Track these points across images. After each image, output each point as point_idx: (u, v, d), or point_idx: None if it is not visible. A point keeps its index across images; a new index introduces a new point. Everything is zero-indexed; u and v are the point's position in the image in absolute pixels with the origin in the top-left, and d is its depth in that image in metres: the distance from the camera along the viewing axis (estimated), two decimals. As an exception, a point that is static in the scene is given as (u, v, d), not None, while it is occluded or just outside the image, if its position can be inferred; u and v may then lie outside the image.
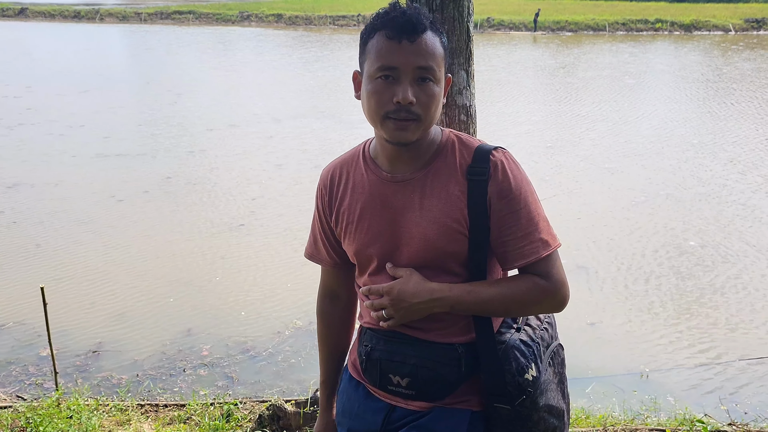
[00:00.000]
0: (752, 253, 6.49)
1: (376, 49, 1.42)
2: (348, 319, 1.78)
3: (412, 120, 1.41)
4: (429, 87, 1.41)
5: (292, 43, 27.24)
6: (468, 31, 2.07)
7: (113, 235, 6.97)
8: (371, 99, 1.43)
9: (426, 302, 1.44)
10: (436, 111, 1.45)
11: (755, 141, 10.93)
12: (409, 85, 1.39)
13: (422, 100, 1.41)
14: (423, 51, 1.40)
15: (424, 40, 1.40)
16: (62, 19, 38.00)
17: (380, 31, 1.42)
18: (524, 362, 1.48)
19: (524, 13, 35.19)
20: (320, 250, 1.69)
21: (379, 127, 1.45)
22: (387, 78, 1.40)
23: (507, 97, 14.87)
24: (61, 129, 11.71)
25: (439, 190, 1.47)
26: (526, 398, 1.47)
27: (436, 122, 1.49)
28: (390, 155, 1.51)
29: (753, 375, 4.51)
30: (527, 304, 1.48)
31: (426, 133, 1.48)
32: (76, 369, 4.55)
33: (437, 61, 1.42)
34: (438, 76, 1.43)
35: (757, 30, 31.99)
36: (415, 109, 1.40)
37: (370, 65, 1.43)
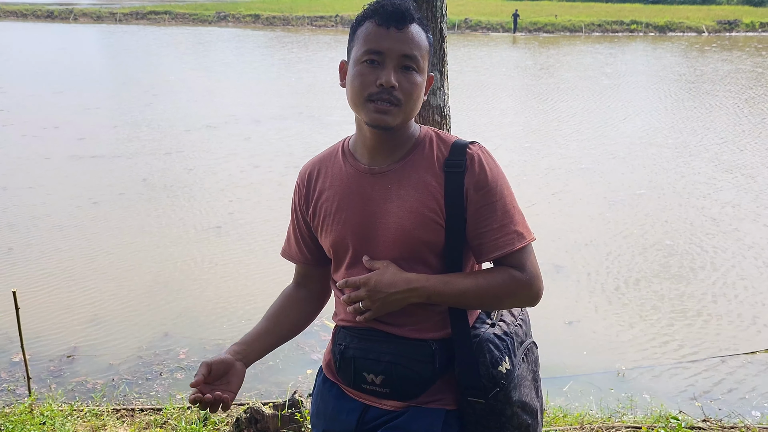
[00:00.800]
0: (728, 252, 6.59)
1: (365, 34, 1.47)
2: (309, 310, 1.73)
3: (393, 104, 1.44)
4: (412, 75, 1.46)
5: (270, 44, 27.14)
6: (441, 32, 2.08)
7: (88, 238, 6.88)
8: (355, 81, 1.46)
9: (403, 292, 1.45)
10: (417, 100, 1.49)
11: (732, 140, 11.10)
12: (393, 71, 1.44)
13: (404, 87, 1.45)
14: (409, 39, 1.45)
15: (411, 30, 1.46)
16: (35, 19, 37.49)
17: (370, 18, 1.47)
18: (498, 355, 1.49)
19: (501, 14, 35.41)
20: (294, 248, 1.71)
21: (360, 109, 1.48)
22: (372, 62, 1.45)
23: (483, 98, 14.95)
24: (35, 130, 11.55)
25: (416, 181, 1.50)
26: (500, 391, 1.48)
27: (415, 113, 1.52)
28: (370, 145, 1.53)
29: (726, 372, 4.58)
30: (502, 296, 1.50)
31: (405, 124, 1.51)
32: (49, 374, 4.48)
33: (422, 52, 1.47)
34: (421, 66, 1.47)
35: (729, 31, 32.51)
36: (397, 93, 1.44)
37: (357, 50, 1.48)
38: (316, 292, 1.75)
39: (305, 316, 1.74)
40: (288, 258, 1.74)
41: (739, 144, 10.88)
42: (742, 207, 7.87)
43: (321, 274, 1.71)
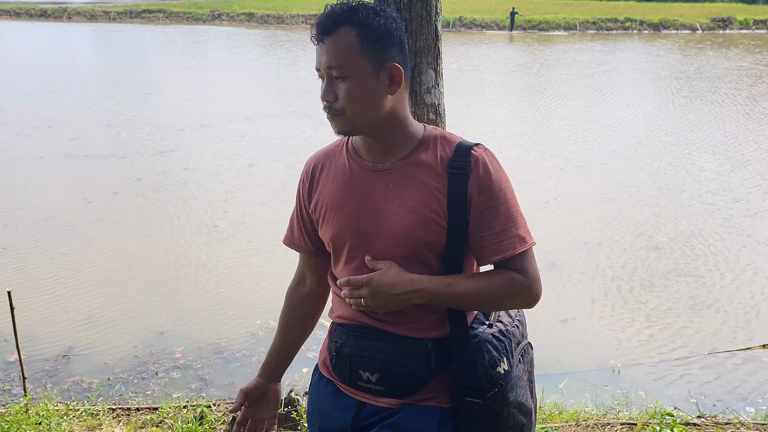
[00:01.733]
0: (722, 249, 6.61)
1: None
2: (313, 308, 1.78)
3: (336, 115, 1.48)
4: (341, 84, 1.46)
5: (264, 42, 27.09)
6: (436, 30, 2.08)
7: (83, 238, 6.86)
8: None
9: (405, 293, 1.45)
10: (360, 105, 1.46)
11: (726, 137, 11.14)
12: (328, 84, 1.47)
13: (341, 96, 1.47)
14: (331, 49, 1.45)
15: (333, 39, 1.45)
16: (28, 18, 37.34)
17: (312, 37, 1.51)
18: (496, 356, 1.50)
19: (496, 12, 35.42)
20: (297, 237, 1.72)
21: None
22: (321, 78, 1.50)
23: (479, 96, 14.95)
24: (28, 129, 11.51)
25: (419, 180, 1.50)
26: (497, 392, 1.49)
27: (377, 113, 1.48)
28: (370, 147, 1.55)
29: (721, 368, 4.60)
30: (502, 298, 1.50)
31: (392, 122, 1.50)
32: (45, 374, 4.47)
33: (347, 56, 1.44)
34: (350, 71, 1.44)
35: (723, 29, 32.60)
36: (336, 105, 1.47)
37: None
38: (317, 288, 1.76)
39: (311, 315, 1.80)
40: (291, 246, 1.75)
41: (736, 141, 10.91)
42: (737, 205, 7.90)
43: (321, 267, 1.72)
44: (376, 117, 1.49)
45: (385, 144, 1.53)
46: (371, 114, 1.48)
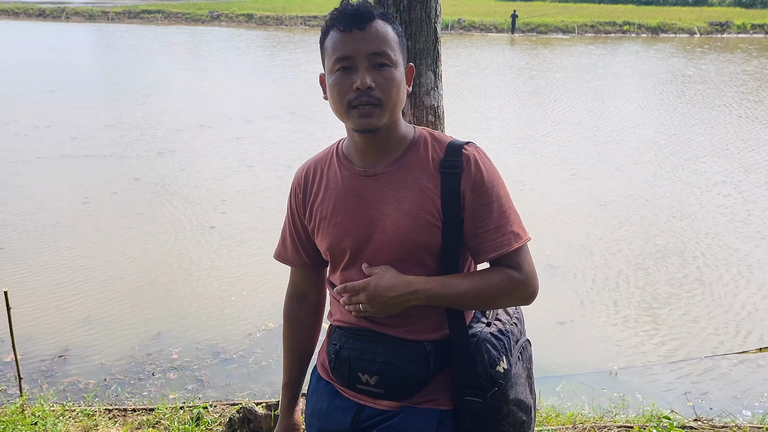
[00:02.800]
0: (718, 252, 6.62)
1: (332, 43, 1.46)
2: (314, 322, 1.78)
3: (375, 105, 1.43)
4: (386, 71, 1.44)
5: (263, 44, 27.09)
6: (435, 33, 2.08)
7: (80, 238, 6.85)
8: (333, 91, 1.46)
9: (403, 295, 1.45)
10: (398, 95, 1.47)
11: (723, 141, 11.15)
12: (366, 71, 1.43)
13: (381, 84, 1.43)
14: (374, 37, 1.43)
15: (374, 26, 1.44)
16: (26, 18, 37.33)
17: (333, 26, 1.46)
18: (496, 354, 1.50)
19: (494, 15, 35.49)
20: (290, 251, 1.70)
21: (345, 118, 1.48)
22: (345, 69, 1.44)
23: (478, 99, 14.96)
24: (26, 129, 11.50)
25: (412, 183, 1.49)
26: (498, 390, 1.49)
27: (400, 107, 1.50)
28: (361, 149, 1.53)
29: (717, 372, 4.60)
30: (500, 296, 1.50)
31: (394, 123, 1.51)
32: (41, 374, 4.46)
33: (390, 45, 1.45)
34: (394, 59, 1.46)
35: (721, 33, 32.69)
36: (376, 93, 1.43)
37: (328, 61, 1.48)
38: (314, 301, 1.76)
39: (316, 330, 1.79)
40: (283, 261, 1.74)
41: (736, 145, 10.92)
42: (733, 210, 7.91)
43: (317, 279, 1.72)
44: (398, 113, 1.51)
45: (380, 146, 1.52)
46: (398, 108, 1.50)
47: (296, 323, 1.76)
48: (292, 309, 1.76)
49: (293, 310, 1.76)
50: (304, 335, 1.76)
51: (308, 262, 1.69)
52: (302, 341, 1.76)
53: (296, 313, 1.76)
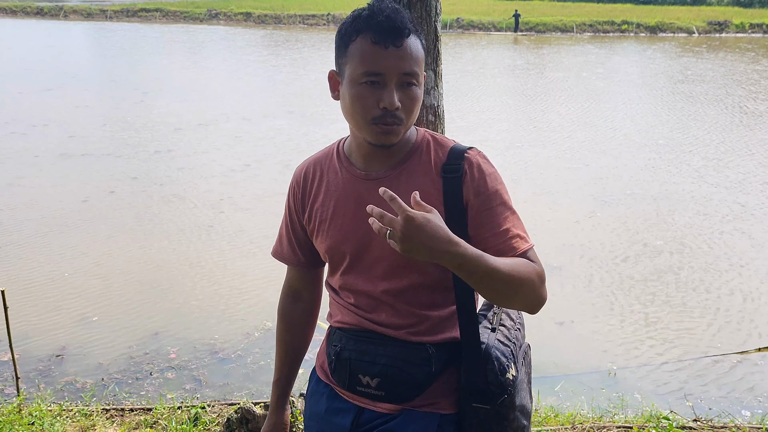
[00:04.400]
0: (717, 253, 6.62)
1: (361, 53, 1.40)
2: (309, 321, 1.78)
3: (397, 124, 1.42)
4: (413, 91, 1.42)
5: (262, 42, 27.06)
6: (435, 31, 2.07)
7: (78, 237, 6.83)
8: (356, 103, 1.41)
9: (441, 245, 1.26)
10: (418, 112, 1.48)
11: (721, 141, 11.16)
12: (395, 90, 1.40)
13: (406, 105, 1.42)
14: (408, 56, 1.40)
15: (409, 44, 1.41)
16: (24, 16, 37.26)
17: (364, 33, 1.40)
18: (505, 362, 1.49)
19: (493, 14, 35.48)
20: (286, 249, 1.69)
21: (363, 130, 1.44)
22: (373, 83, 1.40)
23: (476, 98, 14.95)
24: (24, 128, 11.47)
25: (414, 187, 1.47)
26: (507, 398, 1.48)
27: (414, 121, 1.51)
28: (366, 154, 1.51)
29: (716, 371, 4.60)
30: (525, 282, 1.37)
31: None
32: (38, 374, 4.45)
33: (420, 65, 1.45)
34: (421, 80, 1.46)
35: (720, 32, 32.70)
36: (400, 113, 1.41)
37: (353, 69, 1.41)
38: (309, 300, 1.75)
39: (311, 328, 1.79)
40: (280, 259, 1.73)
41: (731, 145, 10.93)
42: (732, 209, 7.90)
43: (313, 278, 1.72)
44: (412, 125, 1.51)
45: (385, 153, 1.50)
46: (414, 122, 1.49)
47: (290, 321, 1.76)
48: (287, 307, 1.76)
49: (287, 308, 1.76)
50: (297, 333, 1.76)
51: (304, 261, 1.68)
52: (295, 339, 1.77)
53: (290, 311, 1.76)
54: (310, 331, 1.79)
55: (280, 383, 1.79)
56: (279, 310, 1.78)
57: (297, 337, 1.77)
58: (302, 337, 1.77)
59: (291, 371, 1.79)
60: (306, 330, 1.78)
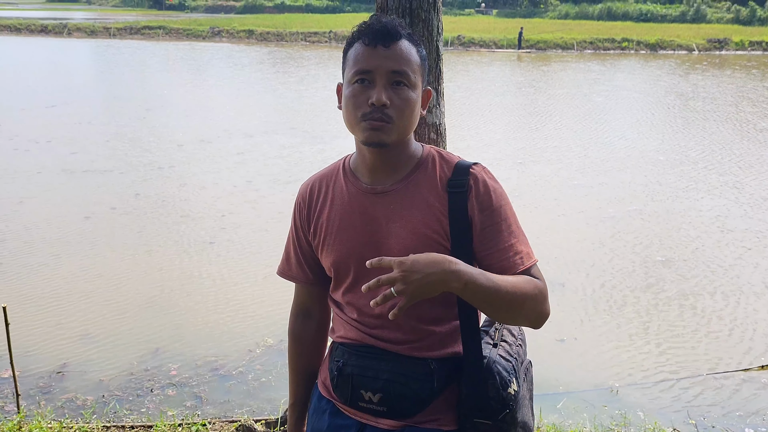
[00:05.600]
0: (719, 268, 6.61)
1: (354, 56, 1.47)
2: (320, 339, 1.76)
3: (385, 122, 1.43)
4: (403, 91, 1.45)
5: (264, 59, 27.22)
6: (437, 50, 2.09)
7: (79, 253, 6.84)
8: (348, 102, 1.47)
9: (444, 273, 1.29)
10: (411, 116, 1.47)
11: (726, 156, 11.18)
12: (383, 88, 1.43)
13: (396, 103, 1.44)
14: (397, 56, 1.44)
15: (399, 46, 1.45)
16: (29, 34, 37.53)
17: (359, 39, 1.47)
18: (507, 377, 1.49)
19: (494, 32, 35.72)
20: (293, 267, 1.69)
21: (355, 129, 1.48)
22: (363, 82, 1.44)
23: (478, 114, 15.00)
24: (26, 144, 11.51)
25: (419, 201, 1.49)
26: (508, 413, 1.48)
27: (412, 129, 1.51)
28: (370, 165, 1.52)
29: (719, 389, 4.57)
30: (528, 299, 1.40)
31: (403, 141, 1.51)
32: (39, 391, 4.43)
33: (412, 66, 1.46)
34: (413, 81, 1.46)
35: (719, 50, 32.88)
36: (389, 111, 1.43)
37: (348, 72, 1.48)
38: (319, 317, 1.74)
39: (323, 346, 1.77)
40: (288, 278, 1.72)
41: (736, 160, 10.94)
42: (736, 226, 7.90)
43: (322, 295, 1.71)
44: (409, 133, 1.51)
45: (389, 163, 1.52)
46: (409, 129, 1.50)
47: (302, 341, 1.74)
48: (297, 327, 1.75)
49: (298, 328, 1.75)
50: (310, 353, 1.75)
51: (312, 279, 1.68)
52: (309, 359, 1.75)
53: (301, 331, 1.74)
54: (323, 348, 1.77)
55: (296, 406, 1.77)
56: (291, 331, 1.75)
57: (311, 356, 1.75)
58: (316, 356, 1.76)
59: (306, 392, 1.76)
60: (319, 348, 1.76)
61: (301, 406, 1.76)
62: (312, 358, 1.75)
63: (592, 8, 49.37)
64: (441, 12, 2.29)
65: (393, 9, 2.16)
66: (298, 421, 1.77)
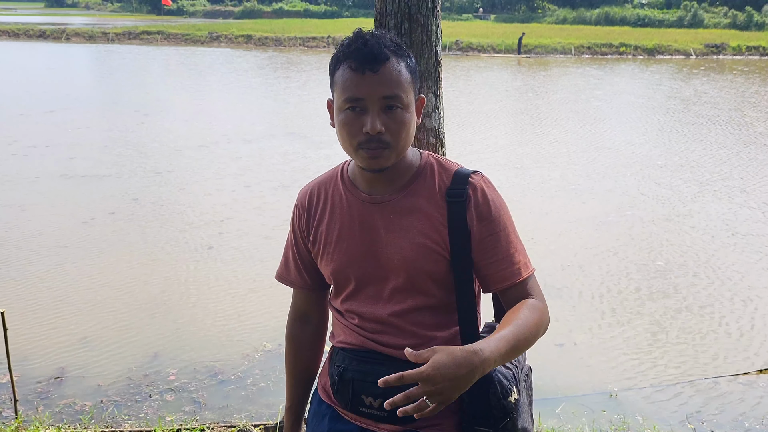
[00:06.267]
0: (718, 272, 6.61)
1: (342, 81, 1.43)
2: (317, 343, 1.77)
3: (383, 148, 1.42)
4: (397, 114, 1.43)
5: (262, 64, 27.25)
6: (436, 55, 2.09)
7: (78, 258, 6.83)
8: (343, 130, 1.45)
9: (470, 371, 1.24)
10: (408, 136, 1.46)
11: (724, 162, 11.19)
12: (377, 115, 1.41)
13: (391, 128, 1.42)
14: (387, 80, 1.41)
15: (388, 68, 1.41)
16: (27, 38, 37.53)
17: (345, 61, 1.44)
18: (507, 385, 1.49)
19: (492, 36, 35.80)
20: (292, 272, 1.69)
21: (353, 156, 1.47)
22: (354, 109, 1.42)
23: (475, 119, 15.02)
24: (24, 149, 11.51)
25: (418, 210, 1.49)
26: (509, 421, 1.48)
27: (409, 146, 1.51)
28: (368, 178, 1.53)
29: (718, 394, 4.57)
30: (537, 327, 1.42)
31: (402, 157, 1.50)
32: (37, 396, 4.42)
33: (403, 87, 1.43)
34: (405, 102, 1.44)
35: (716, 54, 32.97)
36: (385, 137, 1.42)
37: (338, 97, 1.46)
38: (317, 322, 1.75)
39: (320, 351, 1.78)
40: (286, 283, 1.72)
41: (734, 165, 10.97)
42: (734, 229, 7.91)
43: (320, 300, 1.71)
44: (407, 148, 1.50)
45: (389, 175, 1.51)
46: (407, 147, 1.49)
47: (299, 345, 1.75)
48: (294, 331, 1.75)
49: (295, 333, 1.75)
50: (307, 357, 1.75)
51: (310, 283, 1.68)
52: (305, 363, 1.75)
53: (299, 335, 1.74)
54: (319, 353, 1.77)
55: (292, 410, 1.77)
56: (287, 335, 1.76)
57: (307, 360, 1.75)
58: (313, 360, 1.76)
59: (303, 396, 1.77)
60: (316, 352, 1.77)
61: (298, 409, 1.77)
62: (309, 363, 1.76)
63: (589, 13, 49.52)
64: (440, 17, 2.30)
65: (392, 14, 2.17)
66: (294, 424, 1.77)
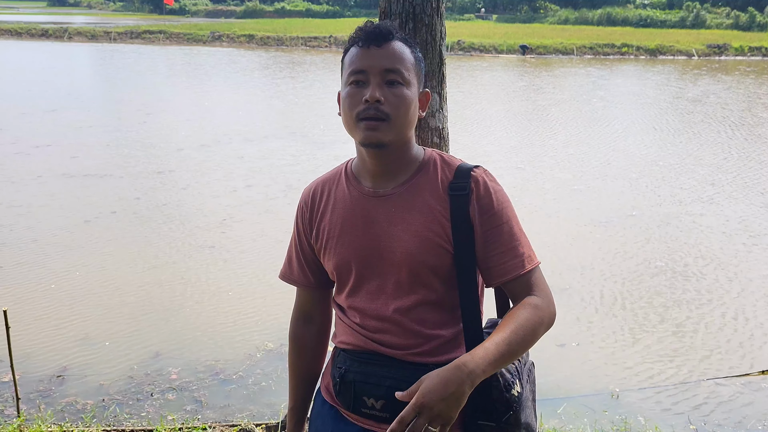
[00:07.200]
0: (720, 273, 6.61)
1: (349, 59, 1.50)
2: (321, 343, 1.76)
3: (382, 120, 1.44)
4: (397, 88, 1.46)
5: (264, 64, 27.26)
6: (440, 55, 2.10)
7: (79, 257, 6.83)
8: (345, 104, 1.49)
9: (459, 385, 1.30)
10: (407, 114, 1.48)
11: (726, 163, 11.18)
12: (377, 86, 1.44)
13: (391, 100, 1.45)
14: (389, 54, 1.46)
15: (392, 45, 1.47)
16: (29, 38, 37.54)
17: (354, 44, 1.50)
18: (510, 378, 1.49)
19: (494, 37, 35.79)
20: (295, 271, 1.69)
21: (353, 130, 1.48)
22: (358, 83, 1.46)
23: (478, 118, 15.02)
24: (27, 148, 11.52)
25: (421, 204, 1.49)
26: (512, 414, 1.48)
27: (410, 128, 1.52)
28: (371, 169, 1.53)
29: (720, 394, 4.57)
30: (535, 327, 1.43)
31: (403, 144, 1.51)
32: (39, 394, 4.42)
33: (405, 64, 1.47)
34: (407, 78, 1.47)
35: (719, 55, 32.94)
36: (384, 108, 1.44)
37: (344, 75, 1.50)
38: (320, 322, 1.74)
39: (324, 350, 1.77)
40: (289, 281, 1.73)
41: (736, 166, 10.96)
42: (735, 231, 7.90)
43: (324, 299, 1.71)
44: (408, 134, 1.52)
45: (391, 167, 1.52)
46: (408, 129, 1.51)
47: (302, 345, 1.74)
48: (298, 331, 1.75)
49: (299, 332, 1.75)
50: (310, 357, 1.75)
51: (314, 283, 1.68)
52: (309, 363, 1.75)
53: (302, 335, 1.74)
54: (323, 353, 1.77)
55: (296, 410, 1.77)
56: (291, 334, 1.76)
57: (311, 360, 1.75)
58: (316, 361, 1.76)
59: (306, 396, 1.77)
60: (319, 353, 1.76)
61: (301, 410, 1.77)
62: (312, 363, 1.76)
63: (591, 14, 49.46)
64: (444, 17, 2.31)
65: (396, 14, 2.17)
66: (297, 424, 1.77)
